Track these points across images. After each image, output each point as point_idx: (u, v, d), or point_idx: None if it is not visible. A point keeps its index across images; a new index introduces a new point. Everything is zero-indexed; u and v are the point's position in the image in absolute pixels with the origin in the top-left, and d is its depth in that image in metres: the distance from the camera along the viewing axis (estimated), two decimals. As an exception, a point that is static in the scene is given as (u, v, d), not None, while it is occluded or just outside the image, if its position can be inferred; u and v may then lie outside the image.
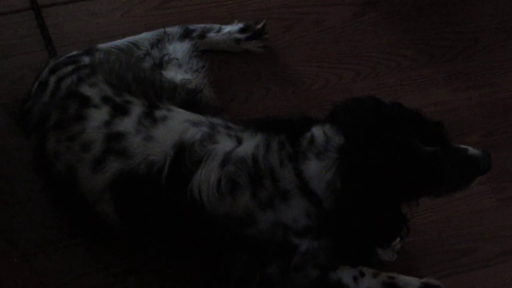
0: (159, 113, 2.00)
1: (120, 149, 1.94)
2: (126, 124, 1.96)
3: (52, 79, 2.11)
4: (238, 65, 2.58)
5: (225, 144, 1.93)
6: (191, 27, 2.55)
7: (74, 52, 2.25)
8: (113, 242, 2.12)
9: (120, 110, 1.99)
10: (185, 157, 1.91)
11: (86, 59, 2.17)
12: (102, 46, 2.38)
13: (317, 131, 1.88)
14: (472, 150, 1.89)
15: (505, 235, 2.24)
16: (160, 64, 2.30)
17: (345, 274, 2.00)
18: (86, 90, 2.03)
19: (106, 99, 2.01)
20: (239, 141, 1.93)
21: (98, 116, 1.98)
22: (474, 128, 2.47)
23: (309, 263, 1.93)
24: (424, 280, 2.04)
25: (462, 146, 1.89)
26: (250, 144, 1.91)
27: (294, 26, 2.69)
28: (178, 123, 1.98)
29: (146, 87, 2.06)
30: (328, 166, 1.83)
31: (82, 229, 2.15)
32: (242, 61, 2.59)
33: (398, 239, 2.14)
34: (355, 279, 2.00)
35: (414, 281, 2.03)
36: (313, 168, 1.84)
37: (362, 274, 2.01)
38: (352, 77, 2.57)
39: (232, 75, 2.55)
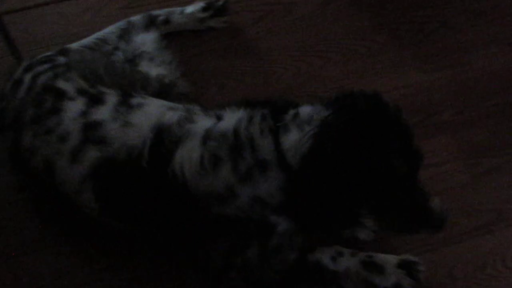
0: (134, 101, 2.01)
1: (98, 137, 1.94)
2: (103, 112, 1.97)
3: (28, 77, 2.11)
4: (208, 57, 2.59)
5: (204, 122, 1.92)
6: (154, 13, 2.58)
7: (49, 53, 2.26)
8: (96, 237, 2.11)
9: (95, 100, 1.99)
10: (164, 138, 1.90)
11: (61, 59, 2.18)
12: (73, 46, 2.39)
13: (304, 108, 1.87)
14: (435, 203, 1.87)
15: (480, 209, 2.25)
16: (133, 61, 2.31)
17: (323, 255, 2.01)
18: (61, 84, 2.04)
19: (81, 91, 2.02)
20: (219, 118, 1.93)
21: (74, 107, 1.98)
22: (445, 107, 2.48)
23: (287, 245, 1.93)
24: (402, 257, 2.05)
25: (431, 196, 1.87)
26: (231, 119, 1.90)
27: (264, 17, 2.71)
28: (155, 108, 1.99)
29: (119, 78, 2.08)
30: (305, 139, 1.79)
31: (63, 224, 2.15)
32: (212, 53, 2.60)
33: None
34: (333, 259, 2.01)
35: (392, 258, 2.04)
36: (291, 139, 1.81)
37: (341, 254, 2.02)
38: (323, 64, 2.59)
39: (203, 68, 2.56)
